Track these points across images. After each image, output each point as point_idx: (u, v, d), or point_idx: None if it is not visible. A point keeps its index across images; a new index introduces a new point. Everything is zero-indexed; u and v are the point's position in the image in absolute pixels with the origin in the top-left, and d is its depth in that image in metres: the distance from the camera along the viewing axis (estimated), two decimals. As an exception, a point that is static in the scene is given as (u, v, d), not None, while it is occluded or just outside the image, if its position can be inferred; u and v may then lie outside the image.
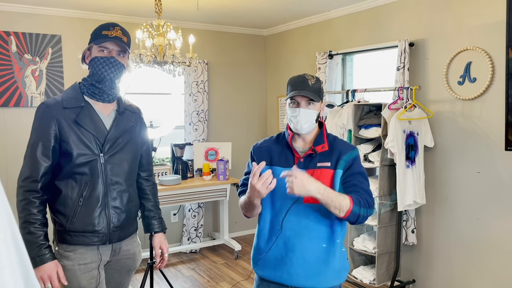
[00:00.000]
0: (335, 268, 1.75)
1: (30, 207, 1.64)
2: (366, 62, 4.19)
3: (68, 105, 1.71)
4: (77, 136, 1.69)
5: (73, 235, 1.71)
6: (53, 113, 1.67)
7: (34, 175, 1.65)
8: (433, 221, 3.38)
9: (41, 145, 1.66)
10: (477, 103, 3.04)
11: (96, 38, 1.74)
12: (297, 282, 1.72)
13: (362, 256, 3.63)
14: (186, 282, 3.90)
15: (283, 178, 1.70)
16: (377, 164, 3.28)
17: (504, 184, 2.92)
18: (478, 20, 3.00)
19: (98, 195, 1.73)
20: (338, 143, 1.79)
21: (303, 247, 1.71)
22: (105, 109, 1.80)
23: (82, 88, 1.77)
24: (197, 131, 4.70)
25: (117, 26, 1.76)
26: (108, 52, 1.74)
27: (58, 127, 1.67)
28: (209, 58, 4.81)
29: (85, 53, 1.77)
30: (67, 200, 1.70)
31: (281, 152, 1.79)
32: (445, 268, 3.32)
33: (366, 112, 3.54)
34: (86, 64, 1.77)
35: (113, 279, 1.88)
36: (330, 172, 1.71)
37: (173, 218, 4.74)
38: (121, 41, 1.74)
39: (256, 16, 4.39)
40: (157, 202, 2.06)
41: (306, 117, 1.72)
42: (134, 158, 1.88)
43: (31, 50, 3.90)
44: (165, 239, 2.04)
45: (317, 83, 1.74)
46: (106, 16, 4.16)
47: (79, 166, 1.69)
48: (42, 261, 1.62)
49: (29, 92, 3.92)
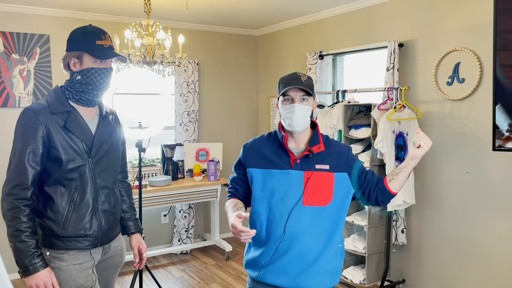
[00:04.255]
0: (331, 270, 1.74)
1: (20, 215, 1.61)
2: (357, 62, 4.20)
3: (55, 111, 1.68)
4: (66, 141, 1.68)
5: (66, 240, 1.70)
6: (41, 119, 1.64)
7: (24, 182, 1.62)
8: (422, 221, 3.40)
9: (29, 151, 1.62)
10: (465, 104, 3.06)
11: (90, 49, 1.69)
12: (294, 283, 1.71)
13: (353, 256, 3.64)
14: (176, 284, 3.87)
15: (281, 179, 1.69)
16: (367, 164, 3.29)
17: (492, 184, 2.94)
18: (466, 21, 3.02)
19: (88, 200, 1.73)
20: (333, 143, 1.79)
21: (301, 249, 1.69)
22: (89, 113, 1.79)
23: (67, 94, 1.74)
24: (188, 132, 4.68)
25: (106, 33, 1.76)
26: (104, 62, 1.73)
27: (47, 132, 1.64)
28: (199, 58, 4.79)
29: (70, 60, 1.72)
30: (57, 206, 1.68)
31: (275, 154, 1.75)
32: (434, 268, 3.34)
33: (356, 112, 3.54)
34: (72, 71, 1.73)
35: (102, 277, 1.89)
36: (330, 176, 1.70)
37: (164, 219, 4.71)
38: (116, 53, 1.75)
39: (246, 16, 4.38)
40: (133, 203, 2.08)
41: (301, 113, 1.69)
42: (117, 160, 1.91)
43: (19, 50, 3.86)
44: (142, 239, 2.06)
45: (309, 80, 1.73)
46: (95, 15, 4.13)
47: (68, 172, 1.68)
48: (36, 270, 1.60)
49: (16, 92, 3.87)
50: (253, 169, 1.78)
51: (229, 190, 1.92)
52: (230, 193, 1.91)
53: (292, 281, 1.70)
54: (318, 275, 1.71)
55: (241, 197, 1.87)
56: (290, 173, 1.71)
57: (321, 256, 1.70)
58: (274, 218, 1.71)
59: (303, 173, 1.69)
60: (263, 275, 1.75)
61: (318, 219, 1.69)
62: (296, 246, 1.69)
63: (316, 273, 1.70)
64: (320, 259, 1.70)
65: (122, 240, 1.97)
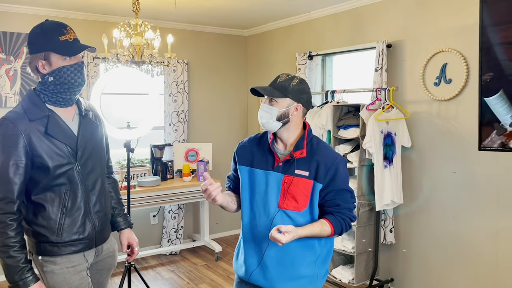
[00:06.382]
0: (310, 274, 1.75)
1: (7, 230, 1.56)
2: (346, 63, 4.22)
3: (33, 117, 1.60)
4: (50, 148, 1.62)
5: (61, 246, 1.67)
6: (20, 128, 1.57)
7: (10, 196, 1.57)
8: (410, 220, 3.43)
9: (12, 164, 1.56)
10: (452, 104, 3.09)
11: (55, 47, 1.60)
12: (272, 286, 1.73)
13: (341, 255, 3.65)
14: (165, 285, 3.85)
15: (262, 179, 1.72)
16: (355, 164, 3.30)
17: (478, 184, 2.98)
18: (453, 22, 3.05)
19: (80, 203, 1.70)
20: (320, 150, 1.71)
21: (276, 252, 1.71)
22: (68, 114, 1.73)
23: (43, 97, 1.66)
24: (177, 132, 4.66)
25: (67, 26, 1.66)
26: (74, 57, 1.65)
27: (28, 142, 1.57)
28: (189, 58, 4.77)
29: (37, 63, 1.62)
30: (49, 213, 1.64)
31: (262, 154, 1.76)
32: (422, 267, 3.37)
33: (345, 112, 3.56)
34: (41, 73, 1.64)
35: (95, 279, 1.87)
36: (308, 183, 1.67)
37: (153, 220, 4.69)
38: (84, 46, 1.66)
39: (236, 16, 4.38)
40: (120, 198, 2.04)
41: (264, 113, 1.68)
42: (103, 158, 1.87)
43: (5, 49, 3.81)
44: (132, 234, 2.03)
45: (288, 81, 1.68)
46: (83, 15, 4.09)
47: (57, 177, 1.64)
48: (26, 284, 1.57)
49: (3, 92, 3.82)
50: (241, 166, 1.80)
51: (226, 186, 1.95)
52: (227, 187, 1.94)
53: (271, 284, 1.73)
54: (294, 278, 1.72)
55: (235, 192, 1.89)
56: (270, 174, 1.71)
57: (297, 260, 1.71)
58: (255, 217, 1.74)
59: (283, 176, 1.69)
60: (248, 275, 1.77)
61: (293, 224, 1.67)
62: (273, 249, 1.71)
63: (292, 277, 1.72)
64: (296, 264, 1.71)
65: (114, 242, 1.95)
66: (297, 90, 1.69)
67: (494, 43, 2.81)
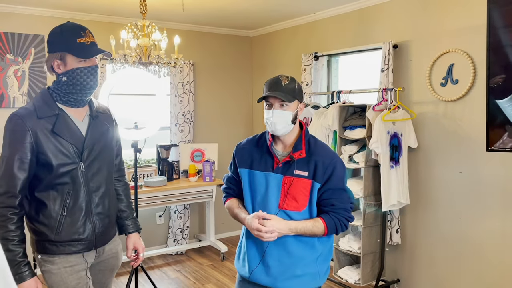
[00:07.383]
0: (312, 272, 1.76)
1: (8, 224, 1.58)
2: (351, 63, 4.22)
3: (42, 115, 1.63)
4: (55, 146, 1.63)
5: (60, 245, 1.68)
6: (28, 125, 1.60)
7: (12, 190, 1.59)
8: (417, 221, 3.43)
9: (17, 159, 1.59)
10: (459, 105, 3.09)
11: (72, 48, 1.64)
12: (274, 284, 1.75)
13: (347, 256, 3.65)
14: (171, 284, 3.87)
15: (262, 181, 1.74)
16: (362, 165, 3.31)
17: (485, 184, 2.97)
18: (460, 23, 3.05)
19: (81, 204, 1.71)
20: (318, 149, 1.74)
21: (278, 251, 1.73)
22: (79, 114, 1.74)
23: (55, 96, 1.69)
24: (183, 132, 4.68)
25: (86, 29, 1.69)
26: (88, 60, 1.68)
27: (35, 138, 1.60)
28: (195, 59, 4.79)
29: (53, 62, 1.66)
30: (50, 211, 1.66)
31: (261, 156, 1.77)
32: (428, 267, 3.37)
33: (351, 113, 3.57)
34: (56, 73, 1.68)
35: (97, 279, 1.87)
36: (307, 183, 1.70)
37: (159, 220, 4.71)
38: (100, 50, 1.69)
39: (242, 17, 4.39)
40: (130, 202, 2.03)
41: (279, 118, 1.68)
42: (111, 161, 1.86)
43: (13, 50, 3.84)
44: (139, 239, 2.02)
45: (291, 83, 1.70)
46: (91, 16, 4.12)
47: (60, 176, 1.65)
48: (22, 279, 1.59)
49: (11, 92, 3.85)
50: (242, 169, 1.81)
51: (224, 190, 1.94)
52: (226, 192, 1.93)
53: (272, 282, 1.75)
54: (296, 276, 1.74)
55: (237, 196, 1.90)
56: (270, 175, 1.73)
57: (298, 259, 1.73)
58: None
59: (283, 177, 1.71)
60: (249, 273, 1.80)
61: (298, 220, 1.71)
62: (274, 248, 1.73)
63: (293, 275, 1.74)
64: (297, 262, 1.73)
65: (118, 243, 1.95)
66: (299, 91, 1.74)
67: (506, 45, 2.79)
